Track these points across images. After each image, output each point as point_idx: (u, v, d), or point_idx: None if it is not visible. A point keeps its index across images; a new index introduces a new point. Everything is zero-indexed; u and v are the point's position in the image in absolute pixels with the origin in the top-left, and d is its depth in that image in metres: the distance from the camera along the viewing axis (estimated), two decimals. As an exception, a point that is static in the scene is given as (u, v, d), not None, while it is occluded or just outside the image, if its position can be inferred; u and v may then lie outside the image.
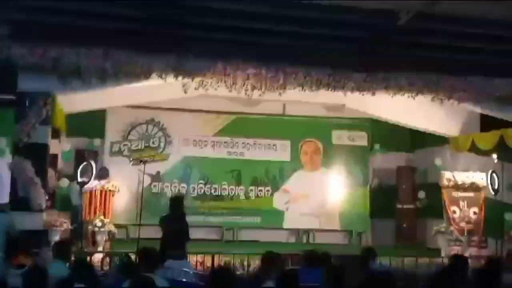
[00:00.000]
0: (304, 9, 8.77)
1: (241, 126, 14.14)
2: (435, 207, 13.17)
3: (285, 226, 14.16)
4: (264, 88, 10.03)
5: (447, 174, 12.50)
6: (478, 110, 11.44)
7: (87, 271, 5.39)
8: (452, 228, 12.09)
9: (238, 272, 9.70)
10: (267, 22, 9.36)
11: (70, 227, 10.87)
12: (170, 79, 9.81)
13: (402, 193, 14.33)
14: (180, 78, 9.75)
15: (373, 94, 10.41)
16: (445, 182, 12.42)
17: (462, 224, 12.14)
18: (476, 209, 12.29)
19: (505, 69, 10.40)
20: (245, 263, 10.18)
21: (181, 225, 9.28)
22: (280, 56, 9.94)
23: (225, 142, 14.07)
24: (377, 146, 14.53)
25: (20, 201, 9.29)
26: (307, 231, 14.06)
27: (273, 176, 14.26)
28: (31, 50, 9.05)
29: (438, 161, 13.39)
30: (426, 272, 8.74)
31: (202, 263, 10.08)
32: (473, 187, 12.35)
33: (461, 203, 12.35)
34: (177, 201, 9.81)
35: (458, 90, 10.46)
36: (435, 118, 12.31)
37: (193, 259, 9.83)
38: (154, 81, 9.89)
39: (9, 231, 8.55)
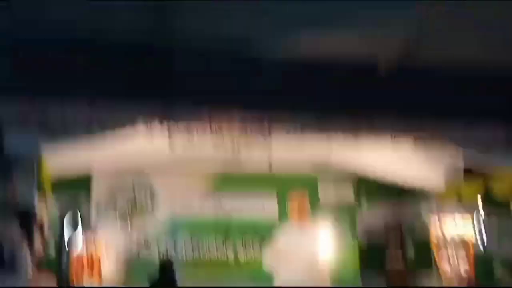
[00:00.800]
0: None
1: (228, 184, 14.12)
2: (425, 264, 13.04)
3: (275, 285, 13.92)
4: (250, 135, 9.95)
5: (436, 231, 12.44)
6: (460, 162, 11.47)
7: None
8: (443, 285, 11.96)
9: None
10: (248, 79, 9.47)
11: (55, 295, 10.64)
12: (157, 140, 9.84)
13: (391, 252, 14.20)
14: (165, 123, 9.64)
15: (356, 139, 10.37)
16: (434, 239, 12.37)
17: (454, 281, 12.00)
18: (467, 267, 12.16)
19: (489, 114, 10.52)
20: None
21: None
22: (264, 101, 9.99)
23: (212, 202, 14.01)
24: (364, 201, 14.53)
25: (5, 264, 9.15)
26: (298, 290, 13.82)
27: (262, 235, 14.13)
28: (16, 104, 8.96)
29: (426, 217, 13.35)
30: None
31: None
32: (464, 243, 12.24)
33: (451, 260, 12.24)
34: (166, 267, 9.73)
35: (441, 133, 10.52)
36: (419, 172, 12.39)
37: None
38: (141, 142, 9.94)
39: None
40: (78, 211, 12.94)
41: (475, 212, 11.99)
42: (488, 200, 11.40)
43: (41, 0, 7.58)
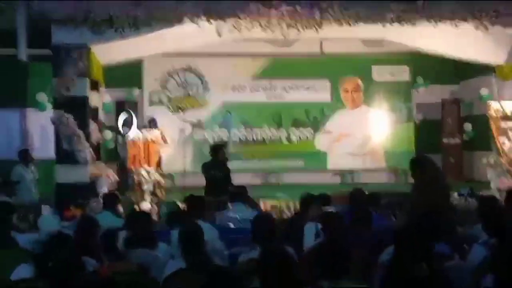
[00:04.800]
0: None
1: (279, 68, 13.87)
2: (482, 140, 12.82)
3: (329, 167, 14.03)
4: (300, 26, 9.77)
5: (494, 104, 12.07)
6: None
7: (142, 218, 5.39)
8: (502, 160, 11.74)
9: (284, 216, 9.69)
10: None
11: (116, 178, 10.98)
12: (203, 23, 9.66)
13: (447, 127, 13.98)
14: (212, 21, 9.57)
15: (414, 24, 10.04)
16: (493, 113, 11.98)
17: (512, 155, 11.80)
18: (526, 139, 11.91)
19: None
20: (291, 206, 10.14)
21: (223, 171, 9.31)
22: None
23: (263, 86, 13.89)
24: (420, 80, 14.06)
25: (65, 155, 9.45)
26: (351, 172, 13.88)
27: (314, 117, 14.06)
28: (62, 3, 9.02)
29: (484, 92, 12.87)
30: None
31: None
32: (524, 118, 11.93)
33: (511, 134, 11.96)
34: (217, 148, 9.84)
35: (503, 15, 10.01)
36: (479, 46, 11.75)
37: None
38: (188, 27, 9.76)
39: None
40: (130, 98, 13.06)
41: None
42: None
43: None
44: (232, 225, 6.89)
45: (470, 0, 9.90)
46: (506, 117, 11.98)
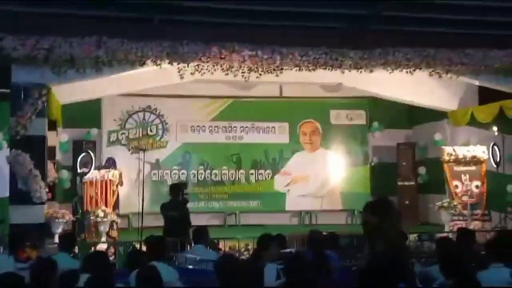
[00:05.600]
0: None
1: (239, 109, 14.05)
2: (436, 183, 13.17)
3: (287, 208, 14.13)
4: (261, 70, 9.98)
5: (447, 149, 12.47)
6: (477, 82, 11.38)
7: (101, 260, 5.31)
8: (454, 202, 12.05)
9: (242, 257, 9.66)
10: (261, 3, 9.30)
11: (72, 218, 10.80)
12: (165, 65, 9.75)
13: (402, 170, 14.27)
14: (175, 63, 9.69)
15: (371, 71, 10.37)
16: (446, 157, 12.38)
17: (465, 198, 12.12)
18: (478, 183, 12.26)
19: (502, 41, 10.36)
20: (250, 247, 10.12)
21: (182, 211, 9.28)
22: (275, 37, 9.89)
23: (223, 127, 14.00)
24: (375, 124, 14.43)
25: (20, 194, 9.26)
26: (309, 213, 14.02)
27: (273, 159, 14.21)
28: (23, 42, 8.99)
29: (437, 136, 13.31)
30: (432, 248, 8.68)
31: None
32: (474, 161, 12.30)
33: (463, 177, 12.32)
34: (176, 188, 9.81)
35: (456, 64, 10.43)
36: (433, 93, 12.25)
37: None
38: (149, 68, 9.83)
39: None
40: (89, 137, 12.94)
41: (488, 131, 12.01)
42: (501, 120, 11.34)
43: None
44: (191, 266, 6.84)
45: (424, 48, 10.25)
46: (458, 162, 12.36)
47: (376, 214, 3.82)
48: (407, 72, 10.41)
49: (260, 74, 10.06)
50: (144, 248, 6.93)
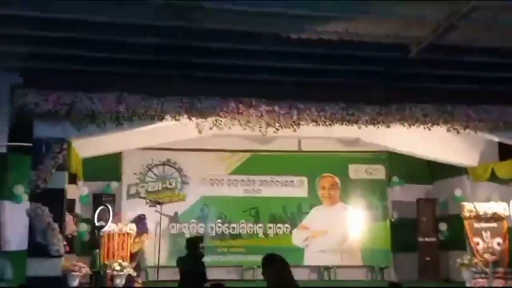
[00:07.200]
0: (315, 45, 8.87)
1: (257, 163, 14.08)
2: (457, 239, 12.92)
3: (305, 263, 13.91)
4: (278, 125, 10.08)
5: (468, 205, 12.29)
6: (496, 139, 11.33)
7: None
8: (476, 260, 11.81)
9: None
10: (279, 60, 9.48)
11: (89, 271, 10.80)
12: (184, 120, 9.91)
13: (423, 226, 14.05)
14: (193, 118, 9.85)
15: (388, 126, 10.41)
16: (467, 213, 12.19)
17: (486, 256, 11.84)
18: (500, 240, 12.05)
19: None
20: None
21: (198, 265, 9.21)
22: (292, 93, 10.05)
23: (241, 180, 14.00)
24: (395, 179, 14.32)
25: (38, 247, 9.33)
26: (328, 268, 13.77)
27: (291, 213, 14.12)
28: (45, 97, 9.25)
29: (458, 192, 13.15)
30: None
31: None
32: (495, 217, 12.12)
33: (484, 234, 12.11)
34: (193, 242, 9.75)
35: (474, 120, 10.44)
36: (452, 148, 12.19)
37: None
38: (168, 123, 10.00)
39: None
40: (108, 191, 13.05)
41: (509, 187, 11.88)
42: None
43: None
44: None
45: (441, 104, 10.29)
46: (479, 218, 12.17)
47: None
48: (424, 127, 10.42)
49: (278, 129, 10.15)
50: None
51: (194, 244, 9.65)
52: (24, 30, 8.47)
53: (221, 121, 9.89)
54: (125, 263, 11.03)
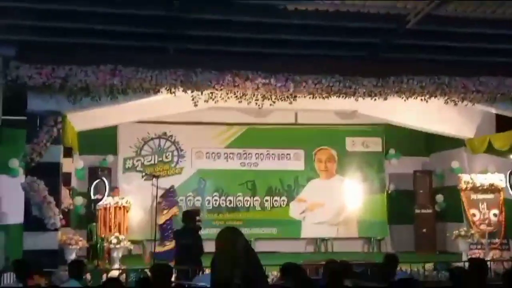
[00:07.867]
0: (311, 17, 8.75)
1: (254, 136, 14.04)
2: (454, 211, 12.99)
3: (302, 235, 14.00)
4: (274, 98, 10.00)
5: (465, 177, 12.30)
6: (493, 110, 11.28)
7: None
8: (472, 231, 11.85)
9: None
10: (275, 32, 9.37)
11: (85, 245, 10.82)
12: (180, 93, 9.83)
13: (419, 198, 14.10)
14: (189, 91, 9.76)
15: (385, 99, 10.35)
16: (463, 185, 12.20)
17: (483, 227, 11.90)
18: (496, 211, 12.07)
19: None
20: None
21: (194, 239, 9.22)
22: (289, 65, 9.94)
23: (238, 154, 13.98)
24: (392, 151, 14.33)
25: (34, 221, 9.31)
26: (325, 240, 13.87)
27: (288, 186, 14.13)
28: (39, 71, 9.14)
29: (455, 164, 13.16)
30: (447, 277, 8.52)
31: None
32: (492, 189, 12.12)
33: (481, 206, 12.13)
34: (190, 215, 9.76)
35: (471, 91, 10.37)
36: (449, 120, 12.15)
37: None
38: (164, 96, 9.91)
39: None
40: (104, 164, 13.02)
41: (505, 159, 11.87)
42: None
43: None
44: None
45: (438, 76, 10.21)
46: (476, 190, 12.19)
47: None
48: (422, 99, 10.36)
49: (274, 102, 10.07)
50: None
51: (190, 217, 9.68)
52: (17, 3, 8.32)
53: (216, 94, 9.81)
54: (121, 236, 11.03)
